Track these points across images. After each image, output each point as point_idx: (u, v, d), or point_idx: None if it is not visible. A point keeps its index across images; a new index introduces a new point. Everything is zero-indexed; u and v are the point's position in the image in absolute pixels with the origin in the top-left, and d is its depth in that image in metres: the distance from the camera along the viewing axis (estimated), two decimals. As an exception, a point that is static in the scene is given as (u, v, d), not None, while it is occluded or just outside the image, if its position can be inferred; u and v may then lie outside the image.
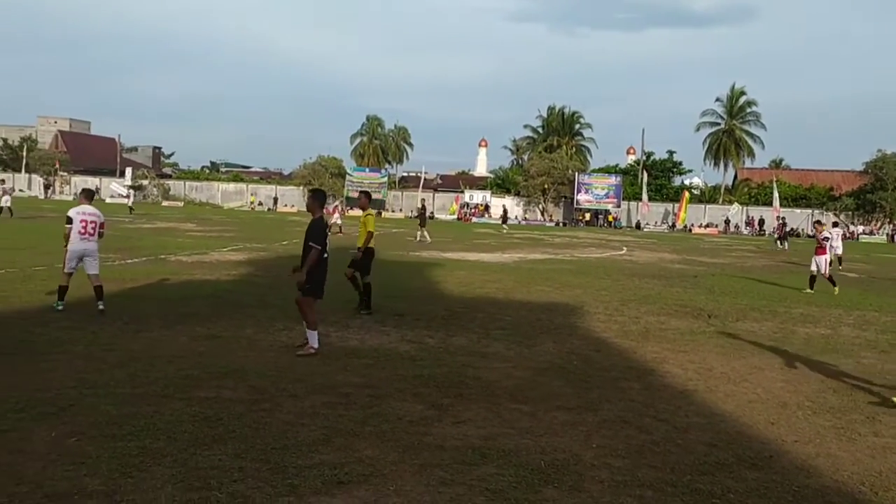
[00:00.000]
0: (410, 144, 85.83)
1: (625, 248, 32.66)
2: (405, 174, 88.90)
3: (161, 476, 4.48)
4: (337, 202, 50.04)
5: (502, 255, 25.59)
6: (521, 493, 4.54)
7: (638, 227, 63.86)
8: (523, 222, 65.18)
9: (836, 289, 16.67)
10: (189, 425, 5.44)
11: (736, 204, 64.39)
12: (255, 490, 4.35)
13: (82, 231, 10.29)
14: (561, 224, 65.21)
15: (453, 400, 6.58)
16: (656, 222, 65.77)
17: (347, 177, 70.56)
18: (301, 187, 71.00)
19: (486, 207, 69.42)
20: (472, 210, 68.80)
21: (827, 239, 18.27)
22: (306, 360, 7.81)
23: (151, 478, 4.45)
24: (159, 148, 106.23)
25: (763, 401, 7.08)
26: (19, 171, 73.33)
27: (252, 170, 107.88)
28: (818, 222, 19.53)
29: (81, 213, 10.40)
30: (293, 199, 70.71)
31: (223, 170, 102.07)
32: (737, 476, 5.02)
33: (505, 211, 56.40)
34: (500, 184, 76.37)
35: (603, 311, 12.53)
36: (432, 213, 68.31)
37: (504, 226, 50.77)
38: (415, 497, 4.41)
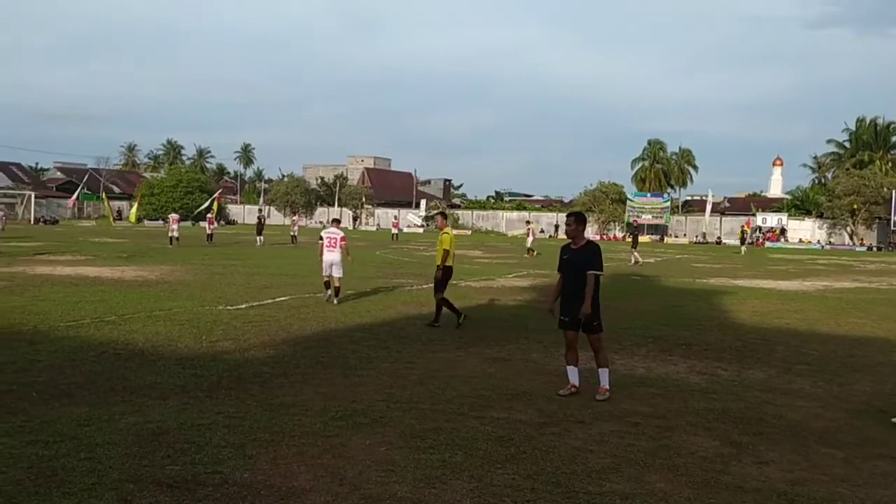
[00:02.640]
0: (695, 167, 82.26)
1: (959, 276, 27.94)
2: (689, 198, 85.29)
3: (460, 489, 4.74)
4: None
5: (803, 282, 23.33)
6: (839, 549, 4.06)
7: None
8: (827, 246, 58.90)
9: None
10: (483, 443, 5.69)
11: None
12: (547, 512, 4.41)
13: (328, 245, 14.34)
14: (874, 248, 57.80)
15: (752, 438, 6.12)
16: None
17: (628, 202, 69.58)
18: (581, 214, 71.43)
19: (783, 231, 63.98)
20: (766, 234, 63.80)
21: None
22: (593, 387, 7.75)
23: (451, 490, 4.72)
24: (449, 180, 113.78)
25: None
26: (333, 205, 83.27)
27: (534, 198, 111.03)
28: None
29: (327, 233, 14.68)
30: (574, 226, 71.31)
31: (507, 199, 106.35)
32: None
33: (744, 231, 51.03)
34: (799, 205, 70.05)
35: (934, 348, 10.82)
36: (719, 238, 64.59)
37: (742, 247, 46.57)
38: (713, 539, 4.15)
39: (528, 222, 40.89)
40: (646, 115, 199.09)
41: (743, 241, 47.94)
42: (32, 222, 62.24)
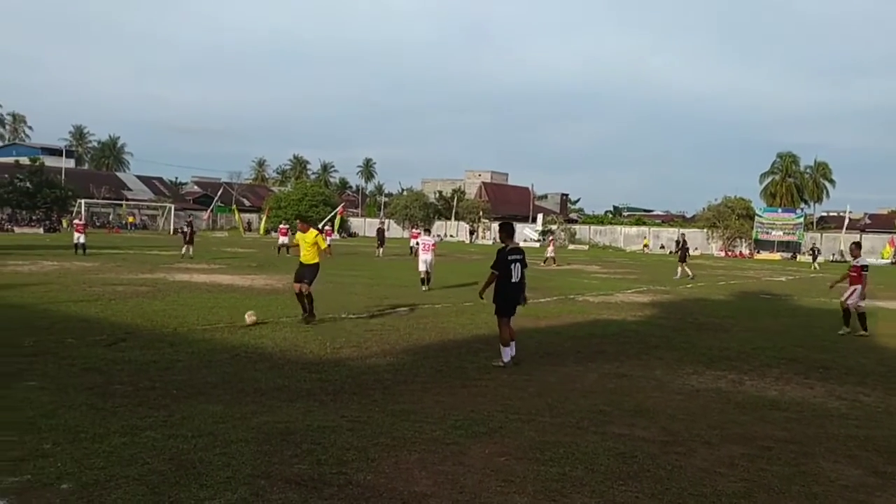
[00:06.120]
0: (832, 181, 77.50)
1: None
2: (824, 214, 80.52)
3: (581, 504, 4.65)
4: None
5: (956, 305, 21.43)
6: None
7: None
8: (983, 267, 53.90)
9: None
10: (604, 459, 5.56)
11: None
12: (673, 534, 4.25)
13: (423, 248, 20.50)
14: None
15: (900, 469, 5.67)
16: None
17: (756, 218, 66.40)
18: (705, 230, 68.79)
19: (930, 250, 59.09)
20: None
21: (866, 267, 14.25)
22: (720, 408, 7.47)
23: (572, 504, 4.64)
24: (566, 195, 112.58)
25: None
26: (450, 218, 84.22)
27: (654, 213, 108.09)
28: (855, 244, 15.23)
29: (422, 240, 21.43)
30: (697, 242, 68.82)
31: (625, 214, 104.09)
32: None
33: (814, 247, 47.34)
34: (950, 221, 64.58)
35: None
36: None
37: (815, 264, 43.44)
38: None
39: (550, 232, 41.97)
40: (775, 128, 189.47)
41: (815, 256, 45.66)
42: (172, 232, 66.41)
